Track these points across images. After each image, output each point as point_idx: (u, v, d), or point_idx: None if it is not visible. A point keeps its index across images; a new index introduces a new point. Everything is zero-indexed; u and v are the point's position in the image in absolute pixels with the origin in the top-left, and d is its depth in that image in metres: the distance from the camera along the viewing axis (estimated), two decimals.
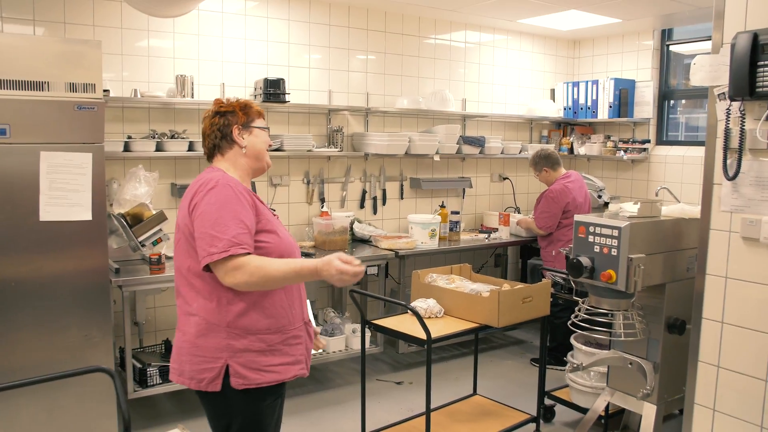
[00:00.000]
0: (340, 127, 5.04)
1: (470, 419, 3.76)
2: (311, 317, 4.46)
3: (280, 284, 2.12)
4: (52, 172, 3.16)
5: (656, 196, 4.38)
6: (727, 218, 2.46)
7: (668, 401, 3.12)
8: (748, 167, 2.37)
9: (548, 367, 4.76)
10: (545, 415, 4.04)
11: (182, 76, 4.20)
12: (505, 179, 6.24)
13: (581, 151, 6.24)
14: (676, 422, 3.64)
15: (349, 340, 4.64)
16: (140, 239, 3.80)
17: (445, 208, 5.41)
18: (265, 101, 4.48)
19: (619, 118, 5.93)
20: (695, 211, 3.01)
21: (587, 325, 3.04)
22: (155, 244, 3.86)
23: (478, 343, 4.23)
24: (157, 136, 4.21)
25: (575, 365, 3.35)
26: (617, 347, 3.29)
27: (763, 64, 2.24)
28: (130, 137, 4.15)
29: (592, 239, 2.93)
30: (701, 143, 5.60)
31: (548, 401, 4.02)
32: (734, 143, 2.37)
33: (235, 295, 2.11)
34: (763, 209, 2.35)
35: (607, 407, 3.51)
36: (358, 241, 5.05)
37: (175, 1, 3.46)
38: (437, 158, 5.46)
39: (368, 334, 4.56)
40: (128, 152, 4.04)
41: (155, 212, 3.86)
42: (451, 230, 5.30)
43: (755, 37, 2.25)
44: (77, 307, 3.35)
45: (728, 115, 2.38)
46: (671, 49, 5.92)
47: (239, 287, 2.05)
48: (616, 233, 2.83)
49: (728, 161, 2.39)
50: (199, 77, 4.42)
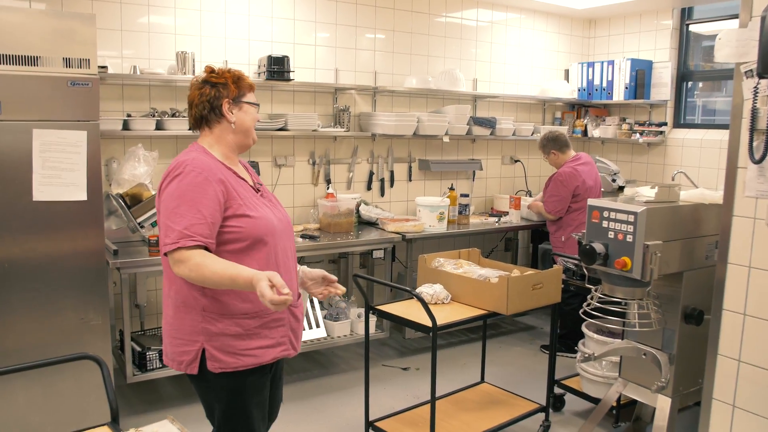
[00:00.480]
0: (347, 106, 4.90)
1: (477, 408, 3.66)
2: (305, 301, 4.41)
3: (216, 286, 2.01)
4: (45, 150, 3.05)
5: (672, 180, 4.24)
6: (751, 204, 2.31)
7: (683, 394, 3.00)
8: None
9: (558, 354, 4.66)
10: (554, 404, 3.94)
11: (183, 52, 4.07)
12: (516, 162, 6.10)
13: (595, 133, 6.07)
14: (690, 414, 3.52)
15: (354, 324, 4.54)
16: (139, 220, 3.70)
17: (454, 190, 5.29)
18: (268, 79, 4.34)
19: (635, 99, 5.76)
20: (716, 196, 2.87)
21: (599, 314, 2.92)
22: (154, 225, 3.74)
23: (486, 330, 4.11)
24: (157, 114, 4.09)
25: (587, 355, 3.23)
26: (631, 337, 3.17)
27: None
28: (129, 115, 4.03)
29: (606, 224, 2.79)
30: (720, 126, 5.53)
31: (558, 390, 3.92)
32: (761, 124, 2.22)
33: None
34: None
35: (618, 397, 3.39)
36: (364, 223, 4.94)
37: None
38: (447, 139, 5.32)
39: (374, 319, 4.46)
40: (127, 131, 3.93)
41: (154, 192, 3.74)
42: (460, 213, 5.18)
43: None
44: (73, 289, 3.26)
45: (756, 93, 2.22)
46: (691, 28, 5.72)
47: (185, 279, 2.01)
48: (631, 218, 2.69)
49: (754, 143, 2.24)
50: (201, 54, 4.29)
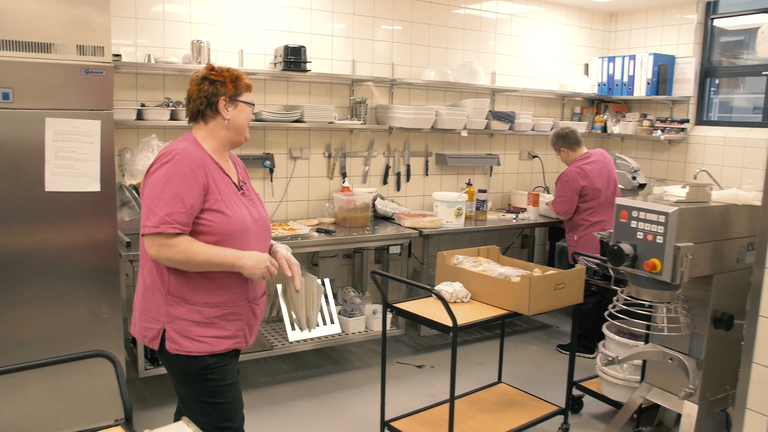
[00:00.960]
0: (363, 98, 4.81)
1: (495, 409, 3.58)
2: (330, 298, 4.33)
3: (202, 267, 2.17)
4: (58, 139, 2.98)
5: (694, 179, 4.11)
6: None
7: (711, 401, 2.91)
8: None
9: (576, 354, 4.56)
10: (573, 406, 3.85)
11: (198, 41, 3.99)
12: (534, 157, 5.99)
13: (615, 129, 5.95)
14: (713, 420, 3.43)
15: (369, 321, 4.46)
16: None
17: (471, 186, 5.19)
18: (285, 69, 4.26)
19: (656, 95, 5.63)
20: (750, 197, 2.77)
21: (624, 316, 2.82)
22: None
23: (504, 330, 4.03)
24: (171, 104, 4.02)
25: (610, 358, 3.14)
26: (656, 340, 3.07)
27: None
28: (143, 105, 3.96)
29: (635, 225, 2.70)
30: (745, 124, 5.40)
31: (576, 392, 3.83)
32: None
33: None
34: None
35: None
36: (380, 218, 4.85)
37: None
38: (465, 133, 5.21)
39: (389, 316, 4.38)
40: (141, 120, 3.86)
41: None
42: (477, 209, 5.09)
43: None
44: (85, 281, 3.20)
45: None
46: (715, 23, 5.59)
47: (162, 261, 2.15)
48: (662, 219, 2.60)
49: None
50: (216, 43, 4.21)
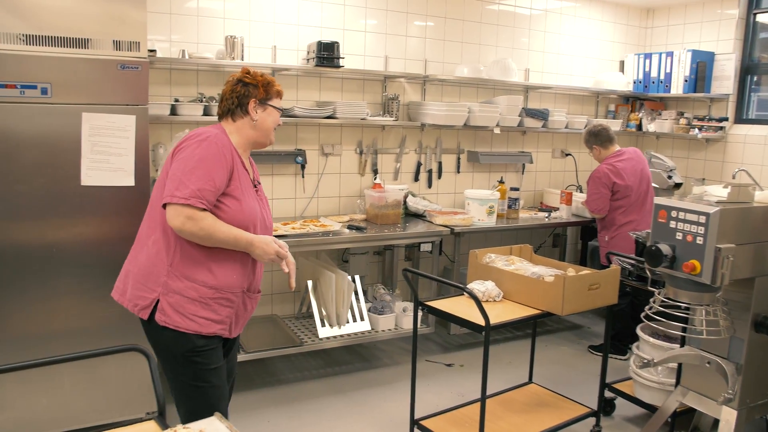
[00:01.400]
0: (396, 95, 4.78)
1: (526, 410, 3.54)
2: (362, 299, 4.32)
3: (220, 244, 2.24)
4: (94, 134, 3.01)
5: (733, 178, 4.01)
6: None
7: (750, 407, 2.83)
8: None
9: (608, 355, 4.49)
10: (605, 408, 3.79)
11: (232, 37, 4.00)
12: (567, 155, 5.90)
13: (650, 127, 5.84)
14: (752, 426, 3.34)
15: (399, 318, 4.44)
16: None
17: (503, 183, 5.14)
18: (318, 65, 4.25)
19: (694, 93, 5.51)
20: None
21: (661, 318, 2.76)
22: None
23: (536, 329, 3.98)
24: (205, 99, 4.03)
25: (645, 361, 3.07)
26: (693, 344, 3.00)
27: None
28: (177, 100, 3.98)
29: (674, 225, 2.63)
30: None
31: (608, 393, 3.77)
32: None
33: (188, 241, 2.22)
34: None
35: None
36: (411, 215, 4.83)
37: None
38: (497, 131, 5.16)
39: (419, 314, 4.35)
40: (175, 116, 3.88)
41: None
42: (509, 207, 5.03)
43: None
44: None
45: None
46: (758, 18, 5.44)
47: (182, 233, 2.18)
48: (703, 219, 2.53)
49: None
50: (249, 39, 4.22)
